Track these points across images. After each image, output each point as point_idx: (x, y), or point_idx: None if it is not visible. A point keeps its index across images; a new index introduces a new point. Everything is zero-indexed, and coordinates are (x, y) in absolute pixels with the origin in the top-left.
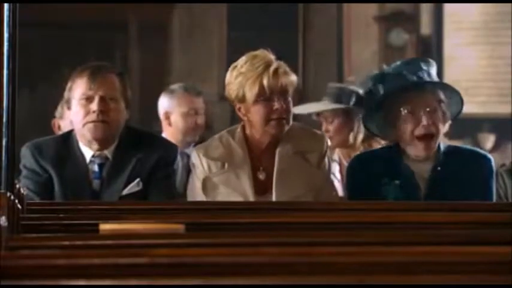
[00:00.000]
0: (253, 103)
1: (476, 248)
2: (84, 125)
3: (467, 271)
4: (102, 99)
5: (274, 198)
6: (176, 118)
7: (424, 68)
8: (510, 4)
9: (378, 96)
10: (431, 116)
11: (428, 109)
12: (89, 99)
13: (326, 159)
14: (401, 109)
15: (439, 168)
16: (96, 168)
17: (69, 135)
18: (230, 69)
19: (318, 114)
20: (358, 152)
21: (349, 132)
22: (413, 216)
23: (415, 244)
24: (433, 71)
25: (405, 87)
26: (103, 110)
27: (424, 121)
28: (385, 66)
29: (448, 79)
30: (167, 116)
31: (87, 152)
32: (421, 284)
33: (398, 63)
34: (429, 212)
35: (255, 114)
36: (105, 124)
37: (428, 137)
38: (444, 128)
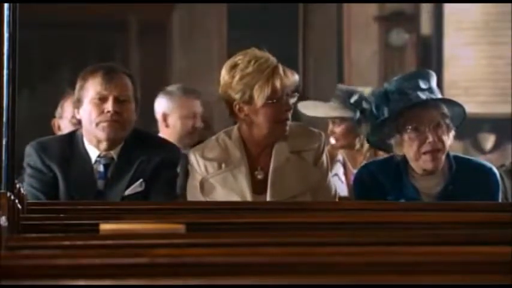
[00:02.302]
0: (263, 105)
1: (476, 248)
2: (97, 124)
3: (467, 271)
4: (116, 100)
5: (268, 197)
6: (174, 120)
7: (424, 84)
8: (510, 4)
9: (381, 116)
10: (437, 132)
11: (433, 125)
12: (102, 99)
13: (324, 157)
14: (407, 127)
15: (450, 187)
16: (101, 168)
17: (74, 135)
18: (227, 68)
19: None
20: (363, 157)
21: (355, 138)
22: (413, 216)
23: (415, 244)
24: (434, 83)
25: (408, 107)
26: (117, 111)
27: (430, 137)
28: (386, 84)
29: (448, 79)
30: (165, 117)
31: (93, 152)
32: (421, 284)
33: (398, 79)
34: (429, 212)
35: (263, 115)
36: (119, 124)
37: (435, 152)
38: (449, 139)
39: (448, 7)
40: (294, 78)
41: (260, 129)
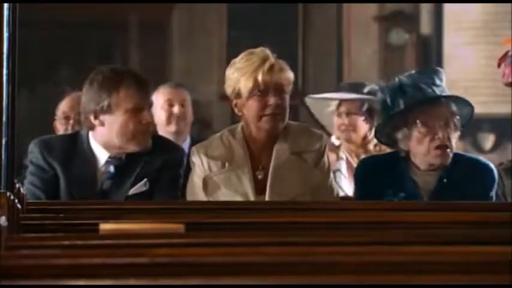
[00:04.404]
0: (248, 98)
1: (476, 248)
2: (134, 135)
3: (467, 271)
4: (149, 110)
5: (267, 198)
6: (157, 112)
7: (438, 80)
8: (510, 4)
9: (396, 108)
10: (446, 129)
11: (442, 122)
12: (139, 110)
13: (325, 159)
14: (417, 122)
15: (445, 180)
16: (111, 169)
17: (78, 134)
18: (229, 66)
19: (339, 107)
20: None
21: (361, 131)
22: (413, 216)
23: (415, 244)
24: (444, 82)
25: (423, 101)
26: (151, 121)
27: (440, 134)
28: (400, 77)
29: (447, 79)
30: (154, 114)
31: (101, 153)
32: (421, 284)
33: (412, 74)
34: (429, 212)
35: (250, 109)
36: (149, 135)
37: (444, 148)
38: (455, 138)
39: (448, 7)
40: (285, 75)
41: (250, 123)
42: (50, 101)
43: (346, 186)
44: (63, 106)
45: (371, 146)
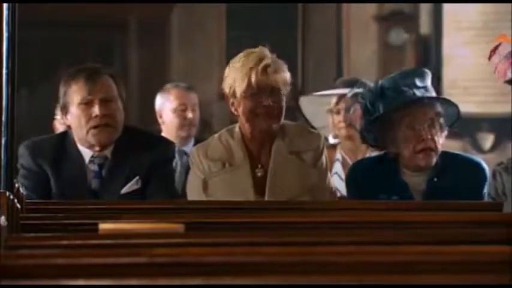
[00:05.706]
0: (242, 98)
1: (476, 247)
2: (88, 130)
3: (467, 271)
4: (102, 103)
5: (267, 199)
6: (168, 114)
7: (420, 82)
8: (510, 4)
9: (377, 113)
10: (431, 130)
11: (427, 124)
12: (88, 104)
13: (323, 158)
14: (401, 125)
15: (435, 179)
16: (96, 167)
17: (66, 134)
18: (228, 65)
19: (337, 105)
20: (362, 154)
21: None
22: (413, 216)
23: (415, 244)
24: (429, 82)
25: (405, 104)
26: (105, 114)
27: (424, 136)
28: (382, 80)
29: (447, 78)
30: (160, 114)
31: (86, 153)
32: (421, 284)
33: (393, 76)
34: (429, 212)
35: (244, 109)
36: (109, 128)
37: (429, 150)
38: (442, 139)
39: (447, 7)
40: (280, 76)
41: (244, 122)
42: (50, 101)
43: (344, 189)
44: None
45: (365, 146)
